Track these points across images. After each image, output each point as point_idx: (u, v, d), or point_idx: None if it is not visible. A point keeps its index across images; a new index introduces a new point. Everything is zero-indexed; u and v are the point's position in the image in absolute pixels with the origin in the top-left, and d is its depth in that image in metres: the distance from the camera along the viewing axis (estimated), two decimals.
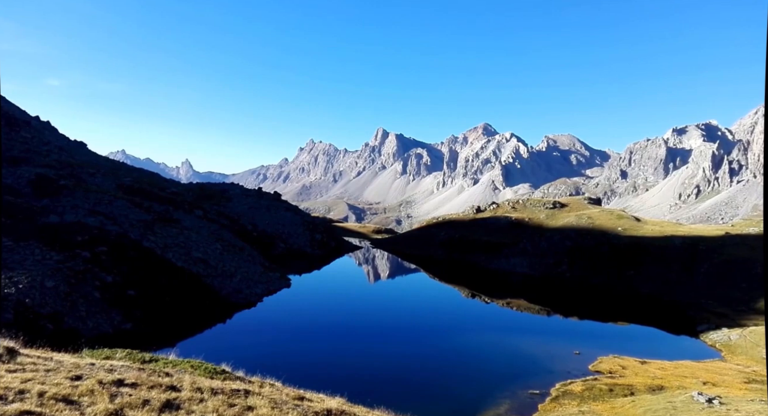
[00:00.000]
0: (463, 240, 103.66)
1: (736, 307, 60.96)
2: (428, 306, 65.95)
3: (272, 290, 59.69)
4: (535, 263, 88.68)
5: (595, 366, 38.45)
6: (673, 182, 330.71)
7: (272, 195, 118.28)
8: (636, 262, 78.95)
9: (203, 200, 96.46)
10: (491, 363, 40.63)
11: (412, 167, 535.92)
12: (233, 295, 53.31)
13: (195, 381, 13.23)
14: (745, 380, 35.73)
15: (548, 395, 32.05)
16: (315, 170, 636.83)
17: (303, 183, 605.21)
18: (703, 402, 27.40)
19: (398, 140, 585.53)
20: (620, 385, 33.09)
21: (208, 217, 78.58)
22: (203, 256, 57.84)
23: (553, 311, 63.93)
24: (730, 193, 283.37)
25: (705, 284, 69.65)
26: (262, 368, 19.55)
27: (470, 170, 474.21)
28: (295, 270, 77.02)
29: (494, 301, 68.54)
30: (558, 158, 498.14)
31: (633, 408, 28.30)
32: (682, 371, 37.70)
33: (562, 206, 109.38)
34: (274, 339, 43.63)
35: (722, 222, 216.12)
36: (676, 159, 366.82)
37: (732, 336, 48.69)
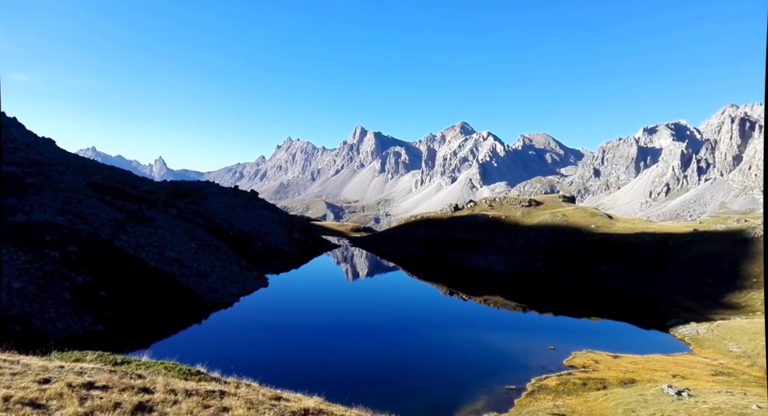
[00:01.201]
0: (441, 238, 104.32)
1: (704, 302, 62.87)
2: (407, 304, 66.19)
3: (249, 289, 59.06)
4: (512, 261, 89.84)
5: (570, 361, 39.18)
6: (644, 181, 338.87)
7: (249, 193, 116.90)
8: (608, 259, 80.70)
9: (177, 198, 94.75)
10: (469, 360, 41.02)
11: (390, 166, 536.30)
12: (209, 295, 52.57)
13: (169, 383, 13.01)
14: (713, 372, 36.89)
15: (524, 390, 32.53)
16: (293, 168, 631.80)
17: (280, 181, 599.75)
18: (673, 395, 28.20)
19: (377, 139, 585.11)
20: (593, 379, 33.80)
21: (182, 216, 77.25)
22: (177, 255, 56.86)
23: (529, 307, 64.89)
24: (698, 191, 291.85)
25: (674, 280, 71.62)
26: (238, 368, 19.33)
27: (448, 169, 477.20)
28: (272, 269, 76.34)
29: (472, 298, 69.20)
30: (534, 157, 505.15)
31: (606, 401, 28.95)
32: (652, 364, 38.70)
33: (537, 204, 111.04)
34: (250, 339, 43.18)
35: (690, 219, 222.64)
36: (646, 158, 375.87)
37: (700, 330, 50.19)
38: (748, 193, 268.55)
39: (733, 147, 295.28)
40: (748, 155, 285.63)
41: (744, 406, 26.00)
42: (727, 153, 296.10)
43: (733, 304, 61.60)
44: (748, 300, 61.96)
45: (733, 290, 65.42)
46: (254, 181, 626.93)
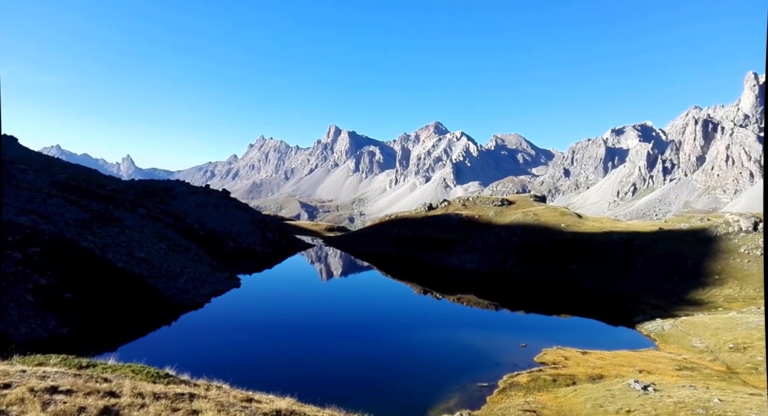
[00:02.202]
0: (415, 237, 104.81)
1: (669, 299, 64.88)
2: (381, 304, 66.27)
3: (221, 290, 58.15)
4: (485, 260, 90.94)
5: (540, 358, 39.87)
6: (612, 181, 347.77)
7: (220, 193, 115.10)
8: (578, 257, 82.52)
9: (146, 197, 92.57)
10: (442, 358, 41.31)
11: (365, 165, 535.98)
12: (179, 296, 51.53)
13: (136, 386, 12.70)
14: (677, 367, 38.10)
15: (496, 387, 32.95)
16: (266, 167, 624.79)
17: (253, 180, 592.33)
18: (639, 390, 29.02)
19: (351, 138, 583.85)
20: (563, 375, 34.49)
21: (151, 215, 75.51)
22: (146, 256, 55.56)
23: (501, 305, 65.79)
24: (664, 190, 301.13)
25: (641, 278, 73.70)
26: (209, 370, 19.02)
27: (422, 168, 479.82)
28: (245, 270, 75.36)
29: (445, 297, 69.74)
30: (506, 157, 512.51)
31: (575, 397, 29.58)
32: (620, 360, 39.73)
33: (509, 204, 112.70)
34: (222, 341, 42.51)
35: (656, 218, 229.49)
36: (614, 158, 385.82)
37: (665, 326, 51.77)
38: (711, 193, 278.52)
39: (697, 148, 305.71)
40: (711, 155, 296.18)
41: (707, 400, 26.94)
42: (691, 154, 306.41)
43: (696, 301, 63.76)
44: (710, 297, 64.24)
45: (696, 287, 67.72)
46: (226, 180, 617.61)
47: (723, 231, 78.77)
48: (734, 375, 36.64)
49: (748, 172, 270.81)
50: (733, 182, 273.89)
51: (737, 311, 56.24)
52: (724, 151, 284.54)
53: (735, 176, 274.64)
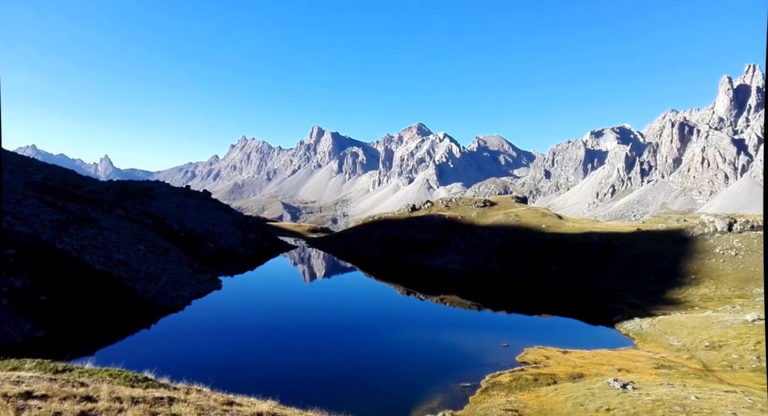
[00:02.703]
0: (398, 238, 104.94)
1: (647, 298, 66.09)
2: (364, 305, 66.16)
3: (201, 292, 57.40)
4: (467, 260, 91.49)
5: (522, 357, 40.23)
6: (591, 182, 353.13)
7: (201, 193, 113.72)
8: (558, 257, 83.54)
9: (125, 198, 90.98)
10: (425, 359, 41.40)
11: (348, 166, 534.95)
12: (158, 298, 50.71)
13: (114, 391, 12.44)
14: (655, 366, 38.79)
15: (478, 387, 33.14)
16: (248, 167, 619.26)
17: (235, 181, 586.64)
18: (618, 388, 29.47)
19: (334, 139, 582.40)
20: (544, 375, 34.85)
21: (130, 217, 74.23)
22: (125, 258, 54.58)
23: (484, 305, 66.23)
24: (641, 192, 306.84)
25: (619, 277, 74.93)
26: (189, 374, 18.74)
27: (405, 169, 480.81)
28: (226, 271, 74.55)
29: (428, 298, 69.93)
30: (488, 159, 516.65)
31: (556, 396, 29.91)
32: (599, 359, 40.31)
33: (492, 205, 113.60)
34: (202, 343, 41.94)
35: (634, 219, 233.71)
36: (594, 160, 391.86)
37: (643, 325, 52.68)
38: (687, 194, 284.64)
39: (673, 150, 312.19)
40: (687, 157, 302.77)
41: (684, 397, 27.48)
42: (668, 156, 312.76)
43: (673, 300, 65.05)
44: (687, 296, 65.61)
45: (673, 286, 69.11)
46: (207, 181, 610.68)
47: (699, 232, 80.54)
48: (710, 373, 37.46)
49: (723, 174, 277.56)
50: (709, 183, 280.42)
51: (713, 310, 57.54)
52: (699, 153, 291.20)
53: (710, 178, 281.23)
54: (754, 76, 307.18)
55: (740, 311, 54.36)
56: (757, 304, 58.31)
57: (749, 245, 74.33)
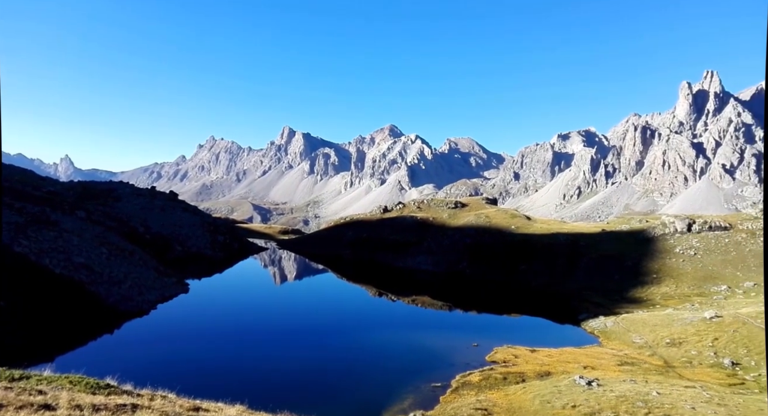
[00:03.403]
0: (370, 240, 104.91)
1: (611, 297, 67.94)
2: (336, 307, 65.84)
3: (167, 296, 56.06)
4: (439, 261, 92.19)
5: (491, 357, 40.76)
6: (559, 184, 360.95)
7: (167, 195, 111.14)
8: (527, 258, 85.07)
9: (87, 200, 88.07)
10: (397, 360, 41.47)
11: (319, 167, 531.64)
12: (122, 303, 49.24)
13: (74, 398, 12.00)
14: (619, 362, 39.91)
15: (449, 387, 33.39)
16: (216, 168, 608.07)
17: (203, 182, 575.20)
18: (584, 385, 30.18)
19: (305, 139, 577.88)
20: (513, 373, 35.39)
21: (92, 219, 71.90)
22: (86, 261, 52.79)
23: (455, 306, 66.84)
24: (606, 193, 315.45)
25: (585, 277, 76.82)
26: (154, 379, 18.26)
27: (377, 171, 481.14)
28: (194, 274, 73.03)
29: (400, 299, 70.11)
30: (459, 160, 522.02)
31: (524, 393, 30.41)
32: (566, 357, 41.21)
33: (463, 206, 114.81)
34: (168, 348, 40.94)
35: (599, 220, 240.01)
36: (561, 162, 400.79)
37: (608, 323, 54.14)
38: (649, 195, 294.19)
39: (636, 153, 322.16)
40: (649, 160, 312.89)
41: (646, 393, 28.35)
42: (631, 159, 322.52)
43: (636, 298, 67.07)
44: (649, 295, 67.75)
45: (636, 285, 71.25)
46: (174, 181, 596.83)
47: (660, 232, 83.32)
48: (671, 369, 38.78)
49: (682, 176, 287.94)
50: (669, 185, 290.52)
51: (673, 308, 59.60)
52: (660, 156, 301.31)
53: (671, 180, 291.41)
54: (711, 82, 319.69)
55: (699, 309, 56.45)
56: (714, 302, 60.69)
57: (707, 245, 77.32)
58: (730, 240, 77.62)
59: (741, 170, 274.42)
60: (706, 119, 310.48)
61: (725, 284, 67.44)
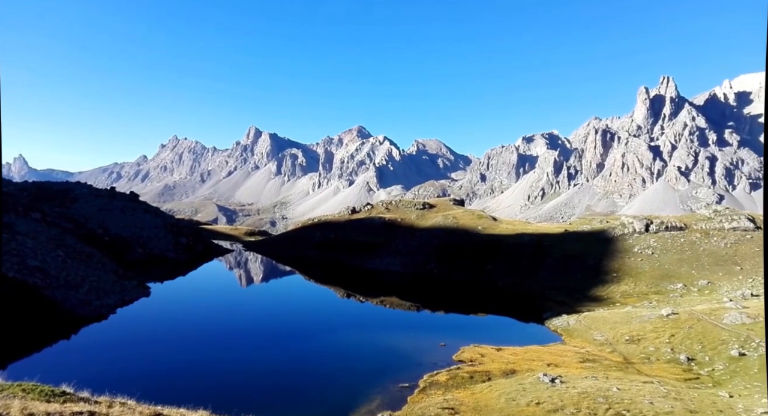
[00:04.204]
0: (338, 241, 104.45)
1: (574, 295, 69.76)
2: (303, 309, 65.24)
3: (128, 300, 54.31)
4: (407, 262, 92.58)
5: (458, 356, 41.18)
6: (523, 185, 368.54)
7: (128, 195, 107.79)
8: (493, 258, 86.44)
9: (42, 201, 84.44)
10: (365, 361, 41.39)
11: (287, 168, 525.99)
12: (79, 307, 47.42)
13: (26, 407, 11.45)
14: (581, 359, 40.98)
15: (417, 387, 33.54)
16: (180, 168, 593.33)
17: (165, 183, 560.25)
18: (548, 382, 30.85)
19: (272, 140, 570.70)
20: (479, 372, 35.85)
21: (47, 220, 69.01)
22: (41, 264, 50.60)
23: (423, 306, 67.24)
24: (569, 195, 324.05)
25: (549, 276, 78.61)
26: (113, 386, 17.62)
27: (345, 172, 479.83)
28: (155, 277, 71.04)
29: (369, 300, 70.03)
30: (427, 162, 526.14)
31: (490, 392, 30.84)
32: (530, 355, 42.04)
33: (430, 207, 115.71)
34: (128, 354, 39.62)
35: (562, 221, 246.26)
36: (525, 164, 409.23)
37: (570, 321, 55.54)
38: (609, 197, 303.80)
39: (597, 156, 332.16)
40: (609, 162, 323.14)
41: (606, 389, 29.21)
42: (592, 161, 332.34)
43: (597, 297, 69.07)
44: (609, 293, 69.89)
45: (597, 284, 73.39)
46: (135, 182, 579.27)
47: (619, 232, 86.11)
48: (630, 365, 40.08)
49: (640, 178, 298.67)
50: (628, 187, 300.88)
51: (632, 306, 61.67)
52: (620, 159, 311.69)
53: (629, 182, 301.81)
54: (668, 87, 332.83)
55: (656, 306, 58.60)
56: (671, 300, 63.13)
57: (664, 245, 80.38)
58: (686, 240, 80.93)
59: (695, 173, 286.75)
60: (663, 123, 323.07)
61: (681, 282, 70.23)
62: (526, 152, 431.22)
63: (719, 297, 59.79)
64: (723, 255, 75.73)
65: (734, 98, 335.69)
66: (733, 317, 45.21)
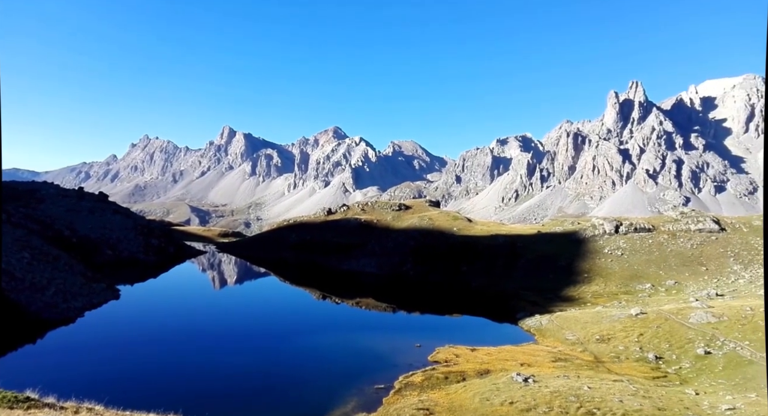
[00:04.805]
0: (314, 242, 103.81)
1: (546, 295, 70.97)
2: (278, 311, 64.63)
3: (96, 303, 52.87)
4: (383, 263, 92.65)
5: (434, 357, 41.41)
6: (498, 187, 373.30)
7: (97, 196, 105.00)
8: (468, 259, 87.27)
9: (6, 201, 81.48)
10: (340, 363, 41.24)
11: (261, 168, 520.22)
12: (45, 311, 45.93)
13: None
14: (553, 359, 41.70)
15: (392, 388, 33.59)
16: (151, 168, 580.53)
17: (136, 183, 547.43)
18: (521, 382, 31.29)
19: (247, 140, 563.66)
20: (454, 372, 36.12)
21: (12, 221, 66.67)
22: (6, 267, 48.82)
23: (398, 307, 67.40)
24: (541, 197, 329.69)
25: (522, 277, 79.78)
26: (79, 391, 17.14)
27: (321, 173, 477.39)
28: (125, 280, 69.35)
29: (344, 301, 69.83)
30: (403, 163, 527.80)
31: (464, 392, 31.10)
32: (504, 355, 42.57)
33: (406, 208, 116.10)
34: (96, 358, 38.55)
35: (535, 222, 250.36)
36: (499, 166, 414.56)
37: (543, 321, 56.47)
38: (580, 199, 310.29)
39: (569, 158, 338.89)
40: (580, 165, 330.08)
41: (578, 388, 29.79)
42: (564, 164, 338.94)
43: (569, 297, 70.42)
44: (581, 293, 71.34)
45: (569, 284, 74.82)
46: (104, 182, 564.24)
47: (590, 234, 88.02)
48: (600, 364, 40.98)
49: (610, 180, 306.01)
50: (599, 189, 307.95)
51: (603, 305, 63.09)
52: (590, 161, 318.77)
53: (600, 184, 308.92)
54: (636, 91, 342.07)
55: (626, 306, 60.08)
56: (639, 300, 64.83)
57: (633, 246, 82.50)
58: (653, 241, 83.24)
59: (663, 175, 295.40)
60: (632, 127, 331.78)
61: (649, 282, 72.19)
62: (501, 155, 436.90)
63: (686, 297, 61.70)
64: (689, 256, 78.17)
65: (700, 103, 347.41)
66: (699, 316, 46.69)
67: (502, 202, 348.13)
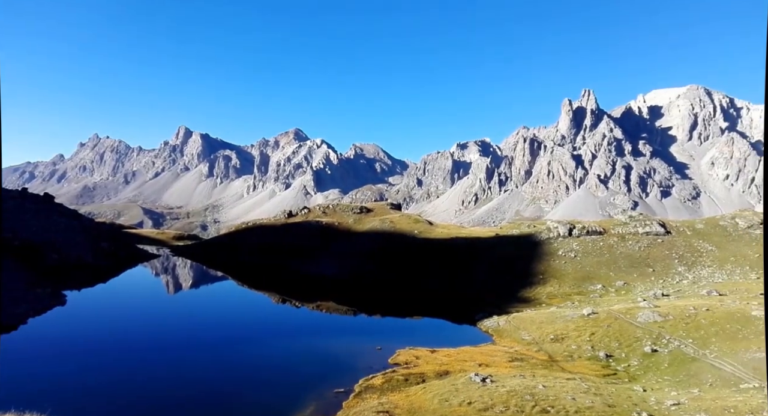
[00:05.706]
0: (274, 245, 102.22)
1: (504, 297, 72.48)
2: (236, 316, 63.13)
3: (40, 309, 50.23)
4: (344, 266, 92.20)
5: (394, 359, 41.49)
6: (458, 191, 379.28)
7: (41, 197, 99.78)
8: (429, 261, 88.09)
9: None
10: (299, 368, 40.71)
11: (219, 170, 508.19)
12: None
13: None
14: (510, 359, 42.58)
15: (352, 391, 33.40)
16: (101, 169, 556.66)
17: (85, 184, 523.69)
18: (479, 382, 31.78)
19: (204, 140, 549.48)
20: (414, 374, 36.30)
21: None
22: None
23: (359, 310, 67.23)
24: (499, 200, 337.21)
25: (482, 279, 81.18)
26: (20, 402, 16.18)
27: (282, 175, 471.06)
28: (72, 285, 66.21)
29: (305, 305, 69.05)
30: (364, 166, 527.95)
31: (424, 394, 31.29)
32: (463, 356, 43.14)
33: (368, 211, 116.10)
34: (40, 366, 36.53)
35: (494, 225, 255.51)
36: (460, 170, 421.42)
37: (500, 322, 57.59)
38: (536, 202, 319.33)
39: (525, 163, 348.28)
40: (536, 170, 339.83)
41: (533, 386, 30.53)
42: (521, 168, 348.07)
43: (525, 298, 72.17)
44: (536, 294, 73.25)
45: (525, 286, 76.70)
46: (50, 183, 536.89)
47: (546, 236, 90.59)
48: (555, 363, 42.16)
49: (564, 185, 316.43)
50: (553, 193, 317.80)
51: (557, 306, 64.98)
52: (546, 166, 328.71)
53: (554, 188, 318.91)
54: (588, 99, 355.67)
55: (578, 306, 62.10)
56: (591, 300, 67.15)
57: (585, 248, 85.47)
58: (604, 244, 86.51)
59: (613, 181, 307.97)
60: (584, 134, 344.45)
61: (600, 283, 74.94)
62: (461, 159, 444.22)
63: (634, 297, 64.41)
64: (637, 258, 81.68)
65: (647, 112, 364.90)
66: (646, 315, 48.82)
67: (462, 205, 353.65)
